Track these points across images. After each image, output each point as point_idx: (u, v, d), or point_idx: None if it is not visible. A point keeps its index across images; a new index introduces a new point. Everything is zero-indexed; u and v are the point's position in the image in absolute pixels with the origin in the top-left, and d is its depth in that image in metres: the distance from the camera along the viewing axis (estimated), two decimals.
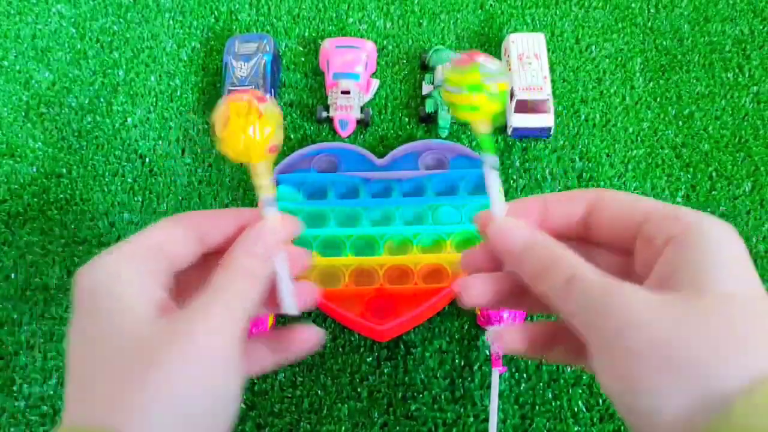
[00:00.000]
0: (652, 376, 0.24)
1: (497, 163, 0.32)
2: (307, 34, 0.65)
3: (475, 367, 0.49)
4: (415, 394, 0.48)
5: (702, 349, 0.24)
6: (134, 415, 0.25)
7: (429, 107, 0.58)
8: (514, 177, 0.57)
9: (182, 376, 0.26)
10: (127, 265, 0.28)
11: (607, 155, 0.58)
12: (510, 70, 0.59)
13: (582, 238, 0.31)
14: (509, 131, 0.58)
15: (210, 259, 0.31)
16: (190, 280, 0.31)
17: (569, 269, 0.28)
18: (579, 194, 0.32)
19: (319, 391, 0.48)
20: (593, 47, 0.63)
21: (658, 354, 0.24)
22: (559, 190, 0.56)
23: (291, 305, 0.31)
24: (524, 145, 0.58)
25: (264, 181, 0.31)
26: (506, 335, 0.31)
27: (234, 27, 0.65)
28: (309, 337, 0.33)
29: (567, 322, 0.28)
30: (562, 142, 0.58)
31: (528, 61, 0.59)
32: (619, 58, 0.63)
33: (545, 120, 0.57)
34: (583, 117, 0.60)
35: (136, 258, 0.29)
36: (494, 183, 0.32)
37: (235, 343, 0.28)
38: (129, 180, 0.57)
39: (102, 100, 0.61)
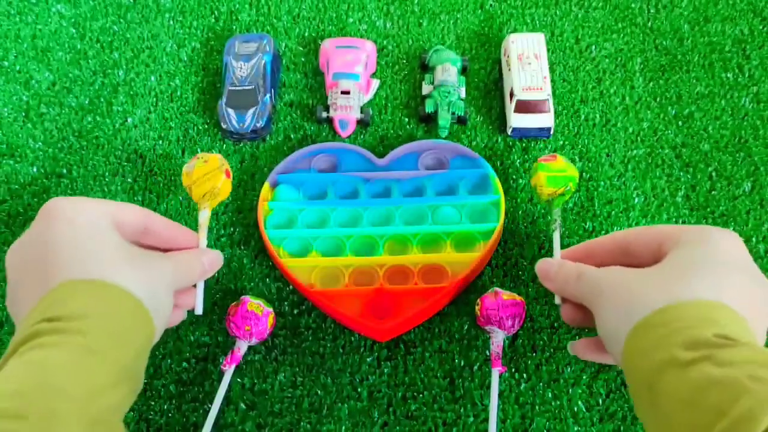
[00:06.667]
0: (609, 309, 0.39)
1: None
2: (307, 34, 0.65)
3: (475, 367, 0.49)
4: (415, 393, 0.48)
5: (635, 284, 0.38)
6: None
7: (429, 107, 0.58)
8: (514, 177, 0.57)
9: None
10: (86, 204, 0.40)
11: (607, 155, 0.58)
12: (510, 70, 0.59)
13: (624, 261, 0.43)
14: (509, 131, 0.58)
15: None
16: None
17: (577, 270, 0.43)
18: (614, 237, 0.45)
19: (319, 391, 0.48)
20: (593, 47, 0.63)
21: (616, 295, 0.39)
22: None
23: (200, 309, 0.46)
24: (524, 144, 0.58)
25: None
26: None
27: (234, 27, 0.65)
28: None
29: (588, 305, 0.42)
30: (561, 142, 0.58)
31: (528, 61, 0.59)
32: (619, 58, 0.63)
33: (545, 120, 0.57)
34: (583, 117, 0.60)
35: (95, 204, 0.41)
36: (557, 238, 0.47)
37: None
38: (129, 180, 0.57)
39: (102, 100, 0.61)
